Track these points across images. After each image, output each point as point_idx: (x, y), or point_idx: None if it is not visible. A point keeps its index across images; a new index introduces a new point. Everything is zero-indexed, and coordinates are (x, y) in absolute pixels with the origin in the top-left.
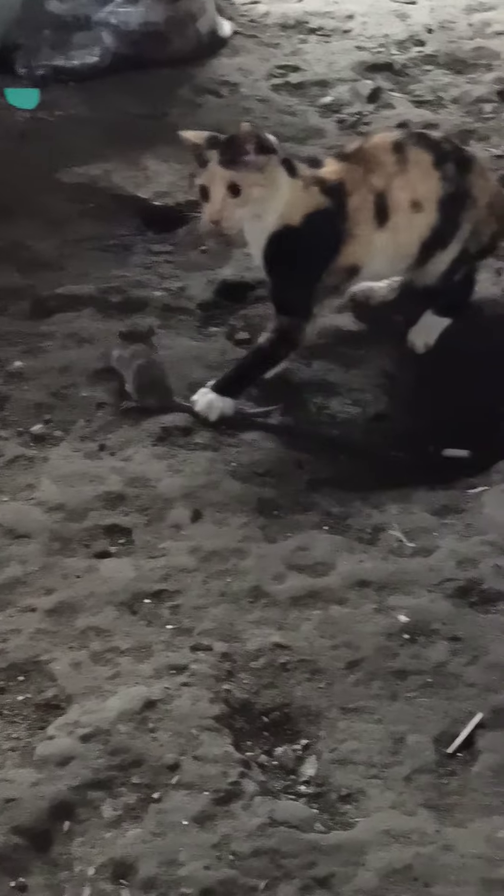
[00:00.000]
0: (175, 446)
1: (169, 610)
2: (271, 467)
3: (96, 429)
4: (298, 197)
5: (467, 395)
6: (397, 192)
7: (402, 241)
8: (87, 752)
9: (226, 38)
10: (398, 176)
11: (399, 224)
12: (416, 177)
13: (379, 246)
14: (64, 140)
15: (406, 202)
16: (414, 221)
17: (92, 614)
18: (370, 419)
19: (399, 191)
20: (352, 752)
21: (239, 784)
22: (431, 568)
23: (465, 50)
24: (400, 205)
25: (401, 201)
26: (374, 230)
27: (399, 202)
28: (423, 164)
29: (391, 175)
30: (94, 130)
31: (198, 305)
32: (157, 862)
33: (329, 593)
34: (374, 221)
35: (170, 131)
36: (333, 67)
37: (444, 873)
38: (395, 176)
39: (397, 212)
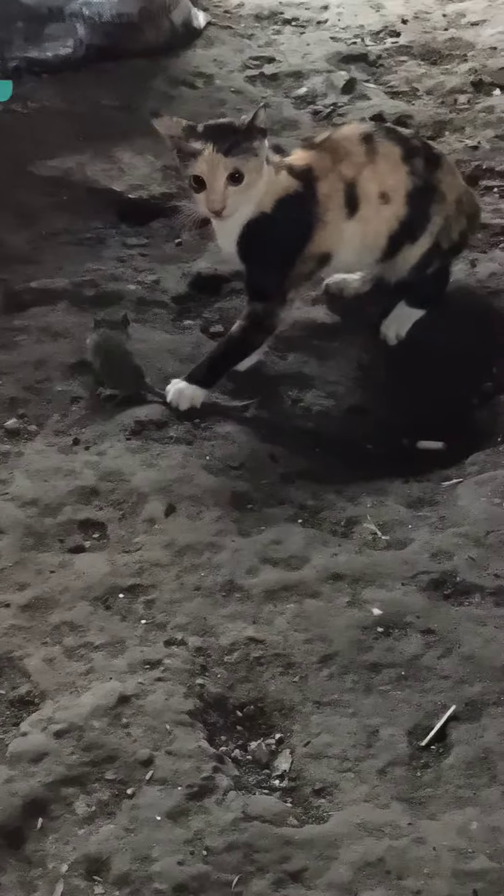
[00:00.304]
0: (149, 440)
1: (143, 605)
2: (245, 461)
3: (71, 423)
4: (270, 182)
5: (441, 387)
6: (366, 182)
7: (370, 232)
8: (61, 749)
9: (200, 29)
10: (367, 167)
11: (368, 215)
12: (385, 169)
13: (349, 235)
14: (37, 132)
15: (375, 193)
16: (382, 213)
17: (66, 609)
18: (345, 411)
19: (368, 182)
20: (325, 745)
21: (212, 779)
22: (405, 561)
23: (439, 41)
24: (369, 196)
25: (370, 192)
26: (345, 219)
27: (368, 193)
28: (391, 158)
29: (360, 165)
30: (68, 122)
31: (172, 298)
32: (131, 858)
33: (303, 587)
34: (344, 210)
35: (144, 123)
36: (308, 58)
37: (417, 866)
38: (365, 167)
39: (366, 202)
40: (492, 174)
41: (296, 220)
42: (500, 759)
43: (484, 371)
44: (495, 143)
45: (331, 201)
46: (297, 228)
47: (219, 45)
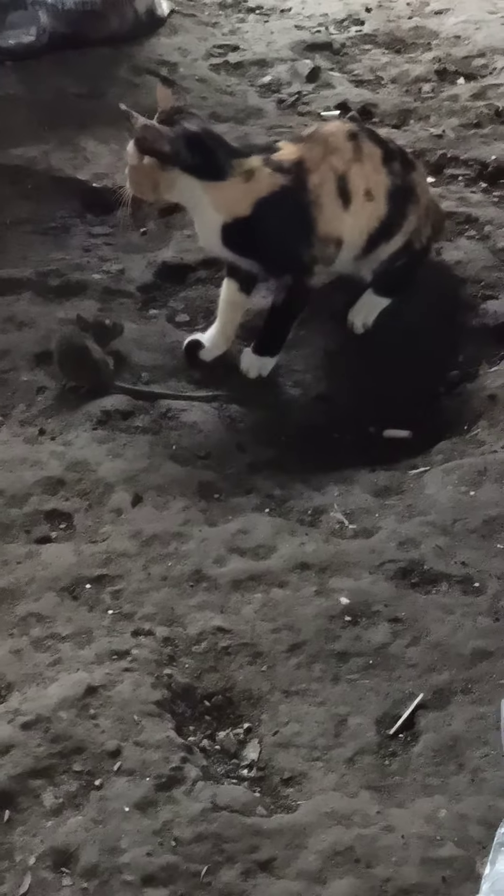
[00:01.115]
0: (115, 430)
1: (110, 595)
2: (212, 450)
3: (36, 413)
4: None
5: (408, 376)
6: (355, 178)
7: (356, 228)
8: (28, 740)
9: (164, 18)
10: (355, 164)
11: (357, 210)
12: (370, 168)
13: (348, 226)
14: (0, 121)
15: (362, 190)
16: (366, 210)
17: (32, 600)
18: (312, 400)
19: (357, 178)
20: (294, 735)
21: (181, 769)
22: (373, 549)
23: (403, 29)
24: (358, 192)
25: (358, 188)
26: (342, 209)
27: (357, 189)
28: (374, 158)
29: (349, 161)
30: (31, 111)
31: (138, 288)
32: (99, 849)
33: (270, 576)
34: (339, 200)
35: (108, 112)
36: (272, 47)
37: (386, 854)
38: (353, 163)
39: (356, 198)
40: (456, 163)
41: (287, 210)
42: (467, 746)
43: (450, 359)
44: (460, 132)
45: (323, 190)
46: (290, 219)
47: (183, 34)
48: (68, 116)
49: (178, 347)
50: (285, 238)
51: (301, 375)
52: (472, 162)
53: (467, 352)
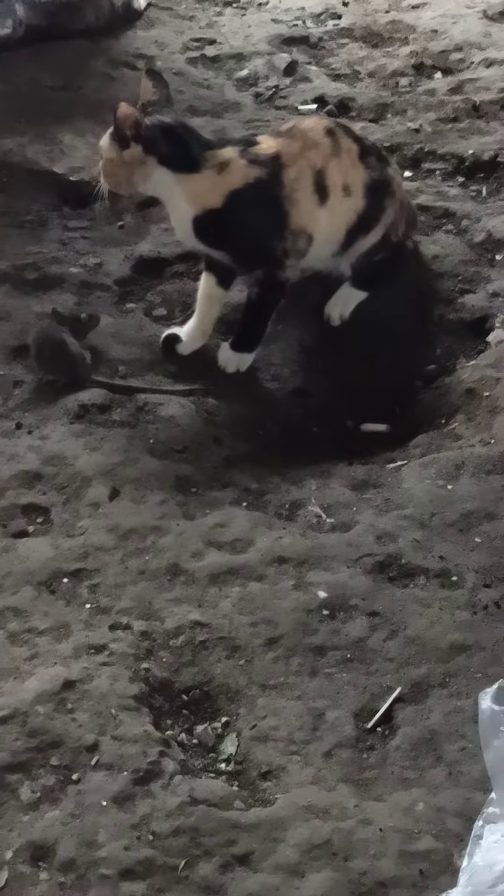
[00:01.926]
0: (93, 424)
1: (87, 589)
2: (189, 444)
3: (13, 407)
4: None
5: (385, 370)
6: (333, 173)
7: (334, 224)
8: (5, 735)
9: (140, 11)
10: (333, 159)
11: (334, 206)
12: (347, 163)
13: (322, 223)
14: None
15: (339, 185)
16: (344, 205)
17: (10, 594)
18: (289, 394)
19: (334, 173)
20: (271, 728)
21: (158, 763)
22: (350, 543)
23: (380, 23)
24: (335, 187)
25: (336, 184)
26: (317, 205)
27: (335, 184)
28: (352, 153)
29: (327, 157)
30: (7, 103)
31: (115, 282)
32: (76, 843)
33: (248, 570)
34: (314, 196)
35: (85, 105)
36: (249, 41)
37: (363, 847)
38: (331, 158)
39: (334, 193)
40: (434, 157)
41: (257, 206)
42: (445, 740)
43: (428, 354)
44: (437, 126)
45: (299, 185)
46: (262, 212)
47: (159, 27)
48: (44, 109)
49: (155, 341)
50: (257, 231)
51: (278, 369)
52: (449, 156)
53: (445, 346)
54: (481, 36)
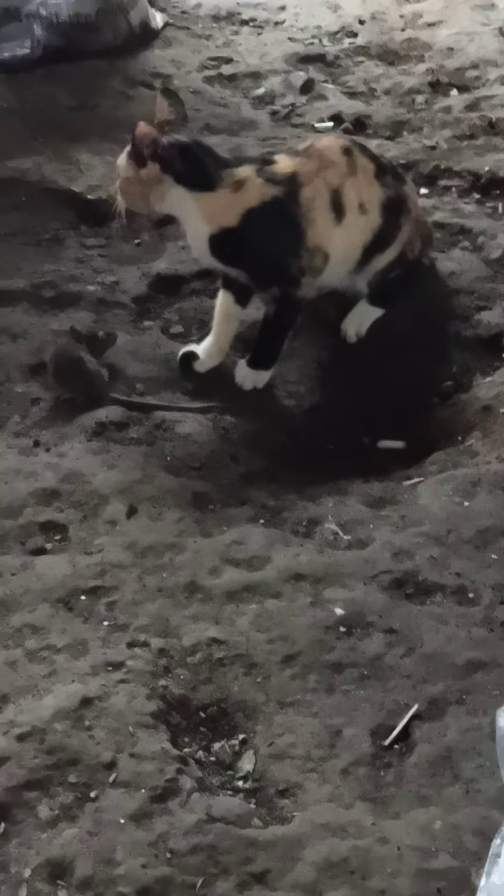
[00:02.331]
0: (110, 441)
1: (105, 606)
2: (206, 461)
3: (31, 424)
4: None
5: (402, 387)
6: (350, 192)
7: (351, 243)
8: (23, 752)
9: (158, 30)
10: (350, 177)
11: (350, 224)
12: (363, 182)
13: (337, 241)
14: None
15: (356, 204)
16: (360, 224)
17: (28, 612)
18: (305, 411)
19: (351, 191)
20: (289, 746)
21: (176, 781)
22: (367, 560)
23: (396, 41)
24: (352, 205)
25: (352, 202)
26: (333, 223)
27: (351, 203)
28: (368, 172)
29: (344, 175)
30: (25, 123)
31: (132, 299)
32: (94, 861)
33: (265, 587)
34: (331, 214)
35: (102, 124)
36: (266, 59)
37: (381, 865)
38: (348, 177)
39: (350, 212)
40: (450, 174)
41: (273, 225)
42: (462, 757)
43: (444, 370)
44: (453, 143)
45: (315, 204)
46: (278, 231)
47: (176, 46)
48: (62, 128)
49: (172, 359)
50: (273, 249)
51: (295, 386)
52: (465, 173)
53: (461, 362)
54: (497, 53)
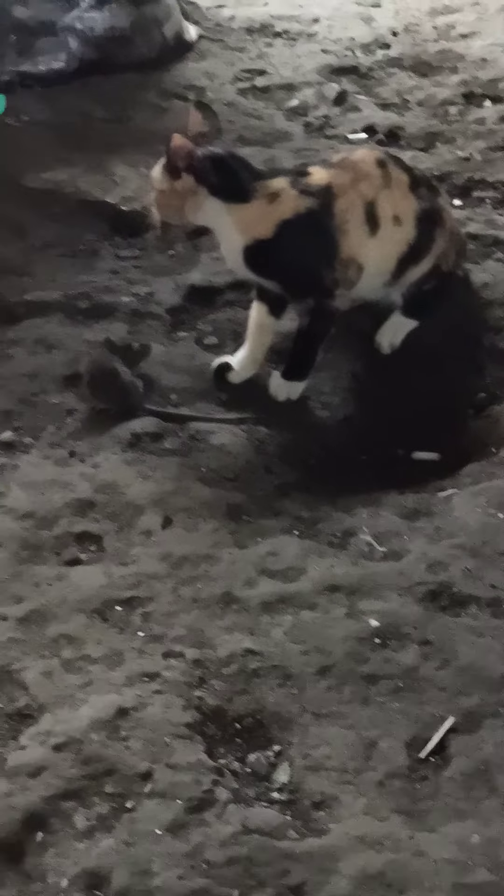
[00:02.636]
0: (145, 452)
1: (140, 617)
2: (241, 472)
3: (66, 435)
4: (261, 212)
5: (436, 398)
6: (384, 204)
7: (385, 255)
8: (60, 762)
9: (191, 43)
10: (384, 189)
11: (385, 236)
12: (398, 194)
13: (372, 254)
14: (29, 145)
15: (390, 216)
16: (395, 236)
17: (63, 622)
18: (339, 422)
19: (385, 204)
20: (324, 757)
21: (212, 792)
22: (402, 572)
23: (429, 53)
24: (386, 218)
25: (387, 214)
26: (367, 235)
27: (386, 215)
28: (402, 184)
29: (379, 187)
30: (60, 135)
31: (166, 310)
32: (131, 872)
33: (300, 598)
34: (365, 226)
35: (136, 136)
36: (299, 71)
37: (418, 879)
38: (382, 189)
39: (385, 224)
40: (484, 185)
41: (307, 236)
42: (498, 770)
43: (477, 381)
44: (487, 155)
45: (349, 216)
46: (312, 242)
47: (210, 58)
48: (96, 141)
49: (206, 370)
50: (307, 260)
51: (328, 397)
52: (499, 184)
53: (495, 374)
54: None
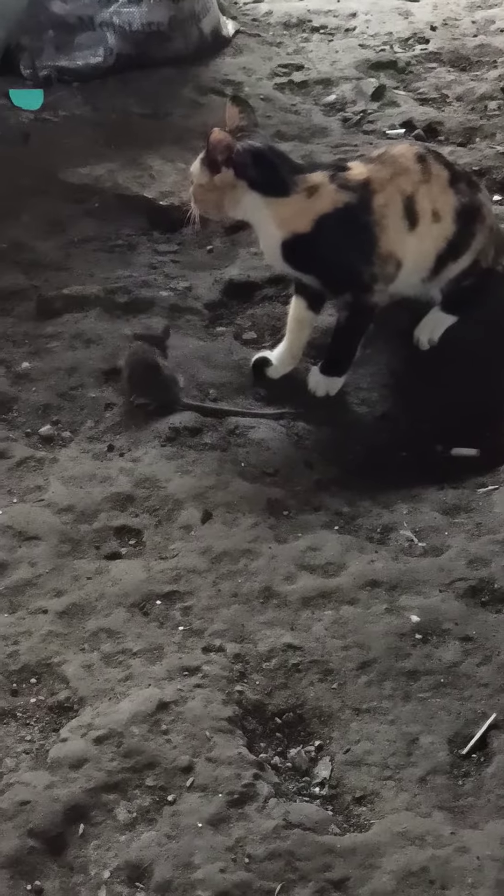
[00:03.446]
0: (184, 447)
1: (180, 611)
2: (280, 467)
3: (104, 429)
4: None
5: (475, 393)
6: (423, 199)
7: (423, 251)
8: (101, 755)
9: (229, 38)
10: (423, 184)
11: (423, 232)
12: (437, 189)
13: (410, 248)
14: (67, 140)
15: (429, 211)
16: (433, 231)
17: (103, 616)
18: (378, 418)
19: (424, 199)
20: (365, 753)
21: (253, 786)
22: (442, 568)
23: (468, 47)
24: (425, 213)
25: (425, 209)
26: (406, 230)
27: (424, 210)
28: (441, 179)
29: (418, 182)
30: (98, 130)
31: (205, 305)
32: (172, 865)
33: (340, 593)
34: (404, 221)
35: (173, 131)
36: (337, 66)
37: (460, 876)
38: (421, 184)
39: (423, 219)
40: None
41: (346, 231)
42: None
43: None
44: None
45: (388, 211)
46: (351, 237)
47: (248, 53)
48: (134, 136)
49: (245, 365)
50: (345, 255)
51: (367, 393)
52: None
53: None
54: None
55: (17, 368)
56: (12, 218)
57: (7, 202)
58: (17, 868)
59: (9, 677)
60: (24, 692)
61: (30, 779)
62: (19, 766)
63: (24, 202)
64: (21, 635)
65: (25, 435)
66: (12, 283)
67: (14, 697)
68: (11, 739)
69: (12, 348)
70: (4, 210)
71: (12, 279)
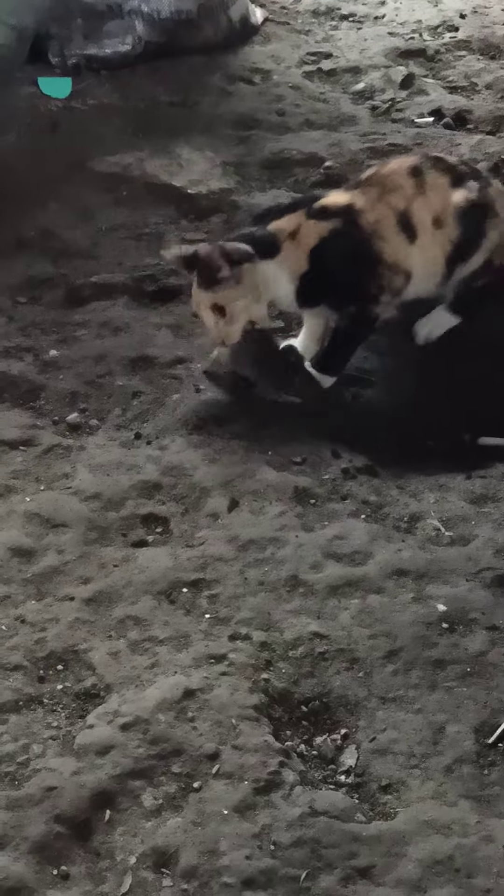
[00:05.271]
0: (211, 435)
1: (207, 599)
2: (307, 456)
3: (132, 417)
4: (293, 255)
5: (501, 384)
6: (419, 212)
7: (429, 260)
8: (127, 742)
9: (257, 26)
10: (418, 197)
11: (426, 243)
12: (434, 199)
13: (417, 260)
14: (96, 129)
15: (428, 221)
16: (437, 239)
17: (130, 603)
18: (404, 407)
19: (421, 210)
20: (391, 741)
21: (279, 774)
22: (469, 557)
23: (498, 35)
24: (423, 224)
25: (424, 220)
26: (406, 244)
27: (422, 221)
28: (439, 188)
29: (411, 197)
30: (127, 119)
31: None
32: (198, 851)
33: (367, 582)
34: (402, 234)
35: (202, 119)
36: (366, 54)
37: (486, 865)
38: (416, 197)
39: (423, 231)
40: None
41: (338, 254)
42: None
43: None
44: None
45: (381, 226)
46: (345, 257)
47: (276, 41)
48: (162, 124)
49: None
50: (346, 274)
51: (394, 382)
52: None
53: None
54: None
55: (45, 356)
56: (41, 206)
57: (36, 190)
58: (44, 853)
59: (36, 664)
60: (50, 679)
61: (56, 765)
62: (46, 752)
63: (52, 190)
64: (48, 622)
65: (53, 423)
66: (41, 272)
67: (41, 684)
68: (38, 726)
69: (40, 336)
70: (33, 198)
71: (41, 267)
